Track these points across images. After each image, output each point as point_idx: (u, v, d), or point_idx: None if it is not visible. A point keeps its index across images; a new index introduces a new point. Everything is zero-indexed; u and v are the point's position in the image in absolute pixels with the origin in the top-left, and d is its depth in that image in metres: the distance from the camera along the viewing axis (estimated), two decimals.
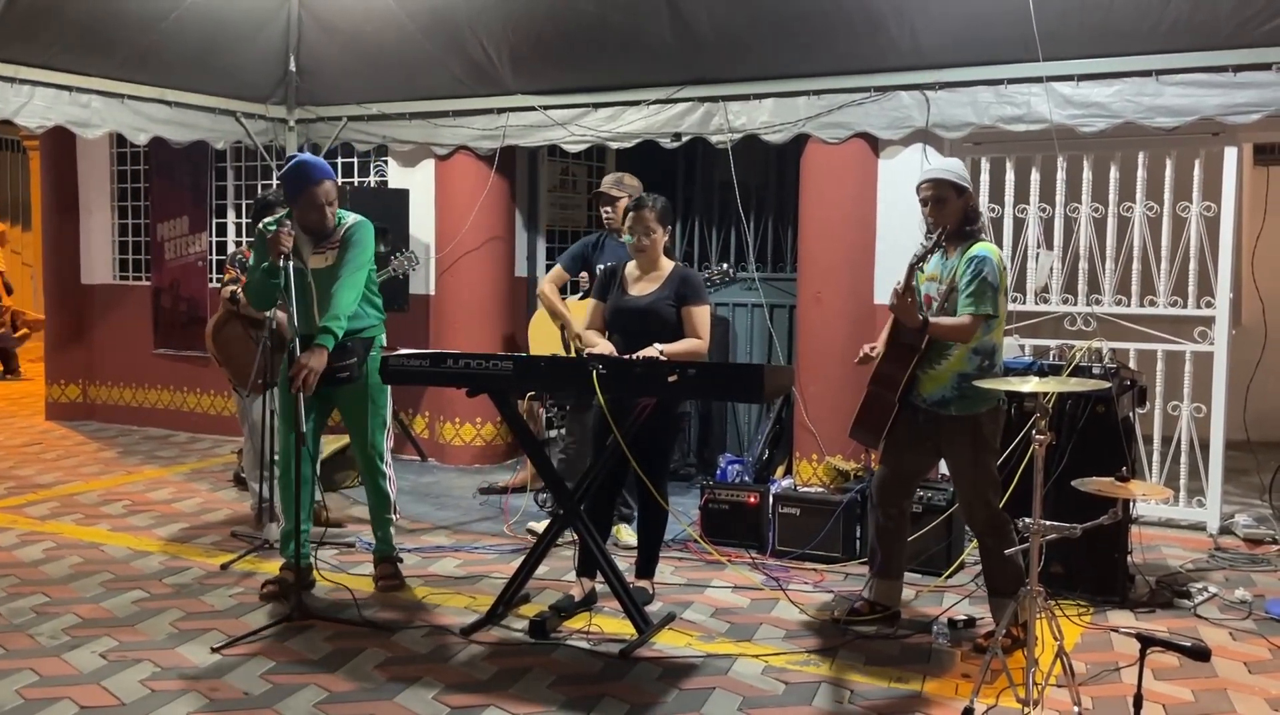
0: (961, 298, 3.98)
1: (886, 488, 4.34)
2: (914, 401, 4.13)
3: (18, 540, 5.54)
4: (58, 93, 6.32)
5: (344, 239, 4.55)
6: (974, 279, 3.93)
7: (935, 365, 4.05)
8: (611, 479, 4.56)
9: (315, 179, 4.46)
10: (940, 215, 4.03)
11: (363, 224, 4.63)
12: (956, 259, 4.04)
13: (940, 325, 3.96)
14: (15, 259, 18.10)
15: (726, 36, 6.23)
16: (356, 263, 4.52)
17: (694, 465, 7.20)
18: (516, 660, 3.98)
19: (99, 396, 9.22)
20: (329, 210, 4.51)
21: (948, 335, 3.98)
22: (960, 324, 3.94)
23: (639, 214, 4.50)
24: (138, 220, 9.04)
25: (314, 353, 4.32)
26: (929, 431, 4.15)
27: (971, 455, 4.06)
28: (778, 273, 7.20)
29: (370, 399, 4.71)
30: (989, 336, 4.02)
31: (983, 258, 3.96)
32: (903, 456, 4.28)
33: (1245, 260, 6.47)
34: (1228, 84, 5.29)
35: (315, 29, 7.33)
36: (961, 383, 3.99)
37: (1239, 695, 3.76)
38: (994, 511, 4.09)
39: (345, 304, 4.43)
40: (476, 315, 7.46)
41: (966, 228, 4.06)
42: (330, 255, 4.55)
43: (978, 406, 4.01)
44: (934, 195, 4.03)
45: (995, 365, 4.08)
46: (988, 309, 3.93)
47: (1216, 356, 5.72)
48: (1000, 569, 4.06)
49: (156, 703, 3.60)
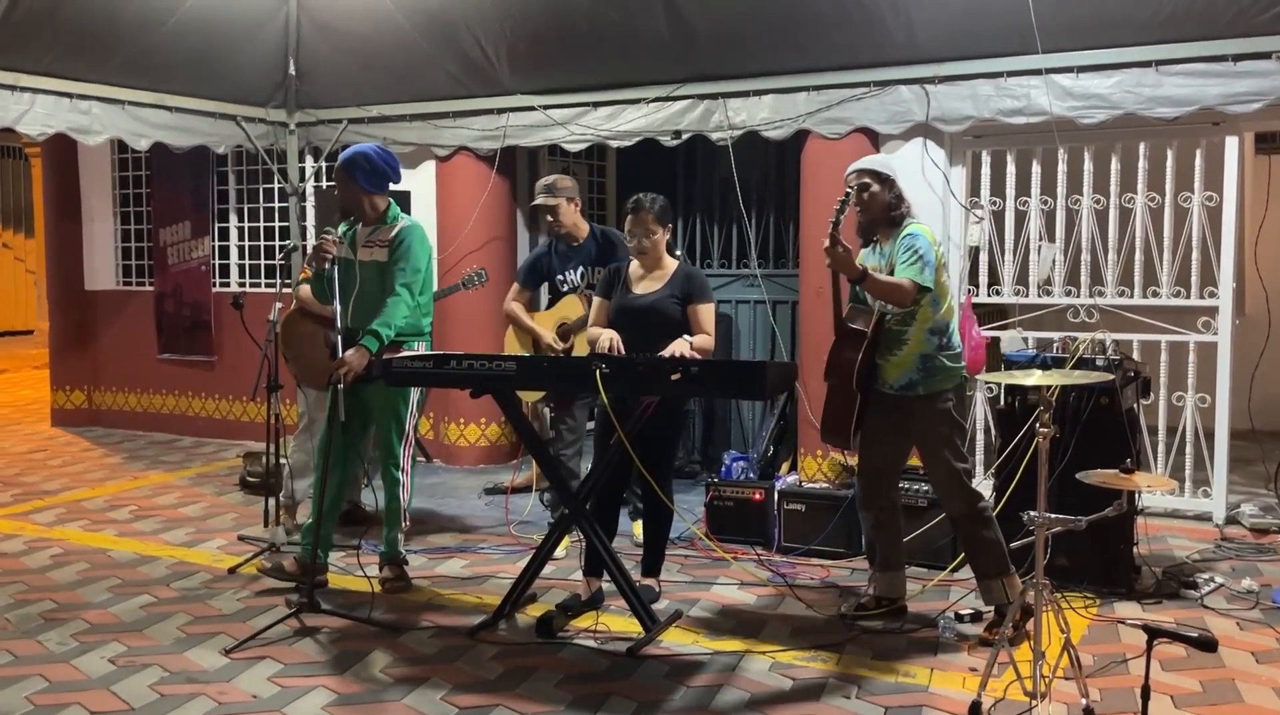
0: (899, 268, 4.10)
1: (870, 485, 4.40)
2: (881, 390, 4.23)
3: (25, 547, 5.56)
4: (58, 100, 6.34)
5: (395, 242, 4.65)
6: (908, 250, 4.09)
7: (896, 351, 4.17)
8: (616, 478, 4.56)
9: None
10: (869, 205, 4.22)
11: (415, 228, 4.72)
12: (891, 245, 4.18)
13: (878, 280, 4.06)
14: (19, 266, 18.15)
15: (725, 33, 6.23)
16: (411, 270, 4.63)
17: (698, 463, 7.20)
18: (524, 660, 3.99)
19: (104, 402, 9.24)
20: (365, 199, 4.65)
21: (885, 293, 4.07)
22: (898, 283, 4.05)
23: (638, 216, 4.49)
24: (140, 226, 9.06)
25: (356, 351, 4.44)
26: (899, 418, 4.23)
27: (943, 433, 4.17)
28: (779, 269, 7.19)
29: (392, 406, 4.74)
30: (939, 315, 4.16)
31: (914, 235, 4.13)
32: (879, 452, 4.35)
33: (1248, 249, 6.46)
34: (1228, 73, 5.28)
35: (313, 32, 7.33)
36: (926, 363, 4.14)
37: (1247, 685, 3.76)
38: (969, 490, 4.20)
39: (398, 315, 4.56)
40: (478, 316, 7.45)
41: (894, 214, 4.21)
42: (378, 252, 4.65)
43: (945, 383, 4.17)
44: (861, 184, 4.20)
45: (954, 345, 4.21)
46: (922, 278, 4.04)
47: (1220, 346, 5.71)
48: (983, 551, 4.17)
49: (165, 707, 3.61)
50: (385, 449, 4.80)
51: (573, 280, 5.63)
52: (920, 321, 4.13)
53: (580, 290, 5.60)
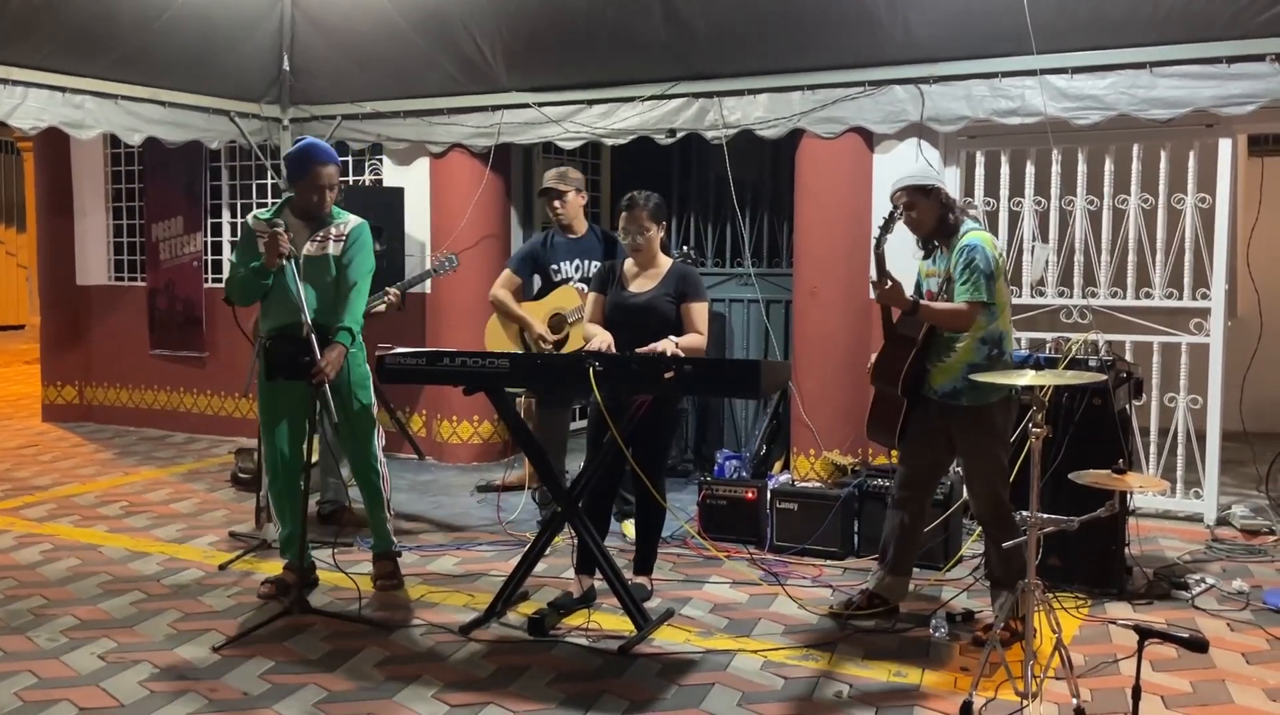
0: (956, 287, 4.01)
1: (907, 486, 4.36)
2: (926, 395, 4.16)
3: (15, 542, 5.54)
4: (51, 94, 6.31)
5: (349, 239, 4.61)
6: (965, 267, 3.99)
7: (945, 357, 4.08)
8: (609, 476, 4.56)
9: (322, 160, 4.53)
10: (917, 223, 4.12)
11: (365, 226, 4.71)
12: (949, 254, 4.08)
13: (933, 309, 4.00)
14: (10, 261, 18.10)
15: (720, 32, 6.22)
16: (365, 267, 4.63)
17: (691, 461, 7.20)
18: (515, 658, 3.98)
19: (95, 398, 9.21)
20: (329, 194, 4.57)
21: (942, 320, 4.00)
22: (955, 309, 3.98)
23: (632, 214, 4.49)
24: (132, 221, 9.03)
25: (335, 349, 4.42)
26: (941, 424, 4.17)
27: (983, 445, 4.09)
28: (773, 268, 7.19)
29: (358, 397, 4.71)
30: (994, 324, 4.05)
31: (973, 246, 4.00)
32: (920, 454, 4.30)
33: (1240, 251, 6.48)
34: (1222, 75, 5.29)
35: (308, 27, 7.31)
36: (972, 373, 3.99)
37: (1237, 686, 3.76)
38: (1000, 503, 4.12)
39: (360, 308, 4.58)
40: (472, 313, 7.43)
41: (949, 222, 4.10)
42: (325, 246, 4.58)
43: (989, 396, 4.02)
44: (905, 202, 4.10)
45: (1005, 353, 4.10)
46: (981, 296, 3.96)
47: (1212, 348, 5.72)
48: (1003, 559, 4.07)
49: (155, 704, 3.60)
50: (360, 439, 4.75)
51: (568, 272, 5.65)
52: (973, 330, 4.03)
53: (574, 282, 5.62)
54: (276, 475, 4.68)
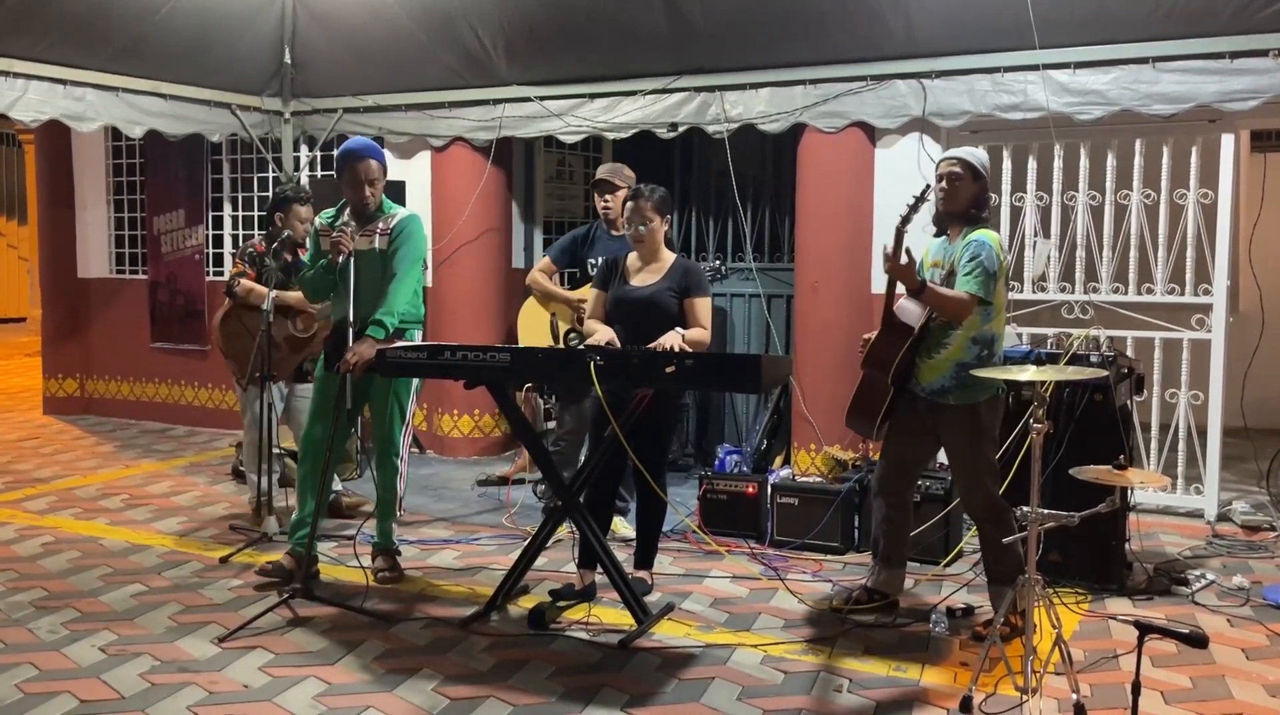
0: (959, 277, 4.01)
1: (888, 478, 4.35)
2: (913, 390, 4.15)
3: (16, 535, 5.54)
4: (52, 86, 6.31)
5: (396, 231, 4.65)
6: (970, 259, 3.98)
7: (934, 353, 4.06)
8: (610, 470, 4.56)
9: (359, 155, 4.59)
10: (953, 195, 4.07)
11: (414, 218, 4.74)
12: (958, 244, 4.07)
13: (938, 292, 3.98)
14: (12, 253, 18.09)
15: (722, 26, 6.22)
16: (412, 258, 4.66)
17: (692, 456, 7.20)
18: (516, 651, 3.99)
19: (96, 390, 9.22)
20: (369, 189, 4.61)
21: (944, 305, 3.99)
22: (957, 297, 3.97)
23: (636, 204, 4.49)
24: (134, 214, 9.02)
25: (364, 342, 4.45)
26: (928, 420, 4.16)
27: (971, 444, 4.07)
28: (775, 263, 7.19)
29: (394, 393, 4.75)
30: (988, 325, 4.03)
31: (981, 242, 3.99)
32: (903, 446, 4.28)
33: (1242, 247, 6.47)
34: (1224, 71, 5.28)
35: (309, 20, 7.31)
36: (960, 372, 4.00)
37: (1237, 681, 3.77)
38: (993, 500, 4.10)
39: (401, 301, 4.60)
40: (474, 307, 7.45)
41: (973, 212, 4.08)
42: (375, 240, 4.64)
43: (977, 396, 4.02)
44: (950, 173, 4.06)
45: (995, 355, 4.09)
46: (980, 291, 3.95)
47: (1214, 344, 5.72)
48: (999, 557, 4.06)
49: (156, 696, 3.60)
50: (386, 438, 4.80)
51: None
52: (966, 328, 4.00)
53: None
54: (307, 456, 4.73)
